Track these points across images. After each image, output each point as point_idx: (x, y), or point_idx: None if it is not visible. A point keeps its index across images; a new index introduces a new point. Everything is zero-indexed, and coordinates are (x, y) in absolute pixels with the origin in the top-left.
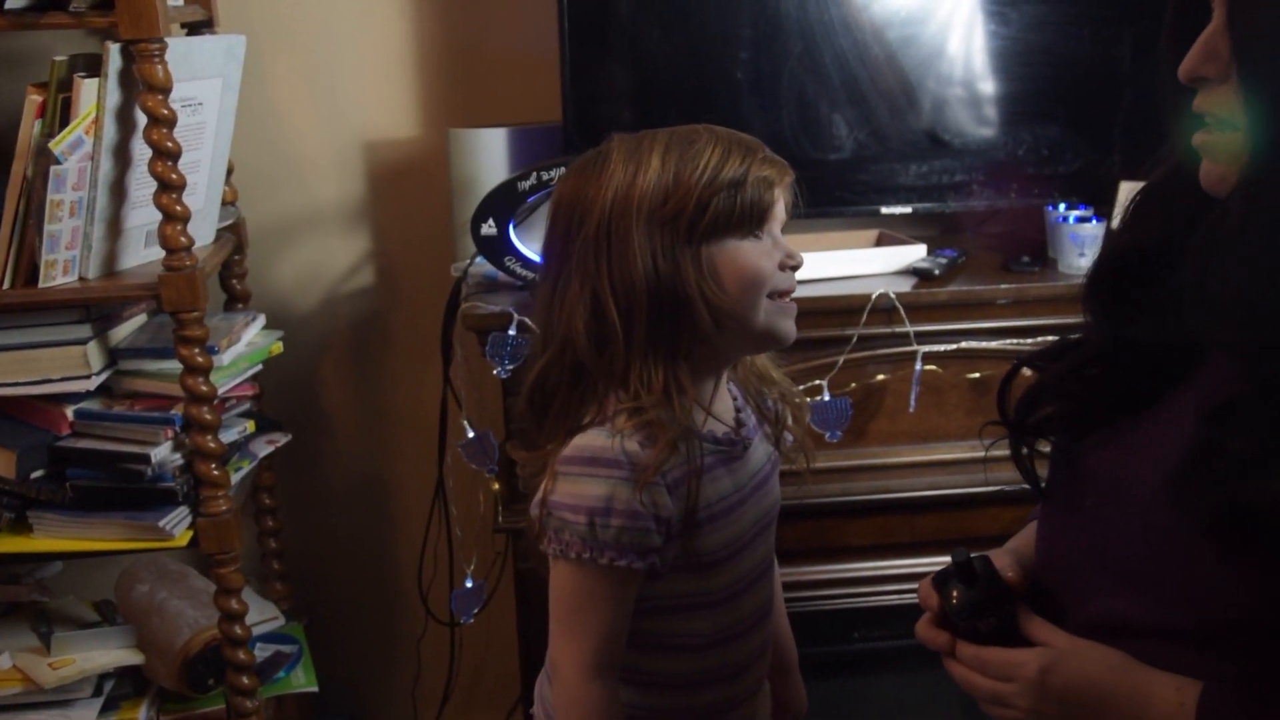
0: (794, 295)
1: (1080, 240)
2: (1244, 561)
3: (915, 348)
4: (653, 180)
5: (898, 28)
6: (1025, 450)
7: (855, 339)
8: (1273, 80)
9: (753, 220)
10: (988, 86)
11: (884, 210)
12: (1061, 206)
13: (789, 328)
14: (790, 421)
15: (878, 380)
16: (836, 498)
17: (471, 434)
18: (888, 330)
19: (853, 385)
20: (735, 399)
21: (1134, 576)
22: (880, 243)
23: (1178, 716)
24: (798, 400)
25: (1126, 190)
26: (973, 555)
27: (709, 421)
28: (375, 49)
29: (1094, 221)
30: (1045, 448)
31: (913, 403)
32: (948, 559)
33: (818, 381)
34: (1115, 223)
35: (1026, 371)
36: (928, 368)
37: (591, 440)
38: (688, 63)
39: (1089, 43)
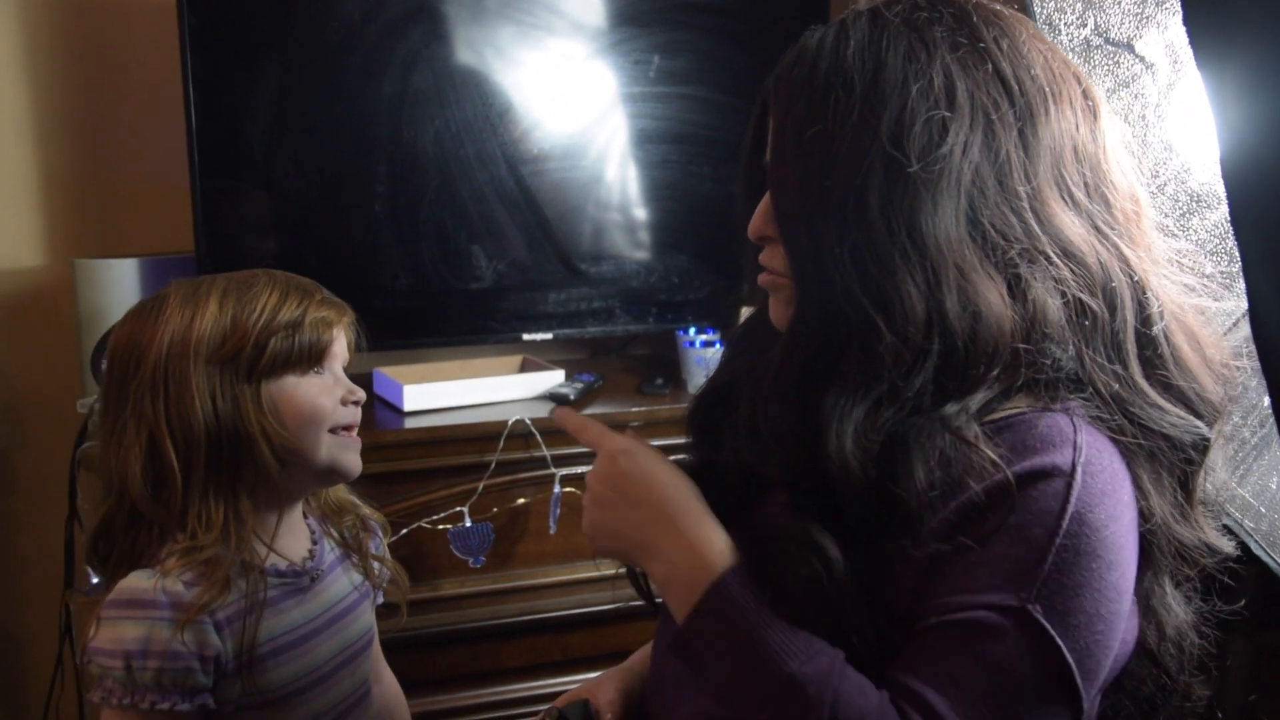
0: (441, 423)
1: (705, 363)
2: None
3: (553, 470)
4: (210, 323)
5: (533, 164)
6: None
7: (494, 465)
8: (802, 243)
9: (311, 358)
10: (622, 219)
11: (526, 337)
12: (691, 331)
13: (352, 461)
14: (374, 549)
15: (520, 504)
16: (487, 621)
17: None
18: (526, 455)
19: (495, 510)
20: (313, 531)
21: None
22: (524, 368)
23: (699, 573)
24: (379, 526)
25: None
26: (564, 706)
27: (272, 555)
28: None
29: (717, 346)
30: None
31: (553, 524)
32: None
33: (459, 508)
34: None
35: None
36: (567, 489)
37: (131, 582)
38: (324, 195)
39: (709, 180)
